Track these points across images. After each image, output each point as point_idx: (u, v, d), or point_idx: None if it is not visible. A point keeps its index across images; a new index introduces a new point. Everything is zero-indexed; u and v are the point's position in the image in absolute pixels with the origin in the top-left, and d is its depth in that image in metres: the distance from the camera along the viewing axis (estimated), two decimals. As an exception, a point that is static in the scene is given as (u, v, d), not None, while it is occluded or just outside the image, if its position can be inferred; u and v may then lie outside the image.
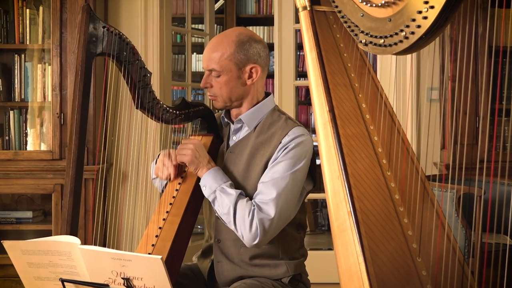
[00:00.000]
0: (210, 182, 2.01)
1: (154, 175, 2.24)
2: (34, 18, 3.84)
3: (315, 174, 2.09)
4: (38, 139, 3.85)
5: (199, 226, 5.06)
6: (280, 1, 4.21)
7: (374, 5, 1.75)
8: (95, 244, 2.78)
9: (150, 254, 1.93)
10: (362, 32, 1.80)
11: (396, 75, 3.85)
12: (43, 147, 3.82)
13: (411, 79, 3.86)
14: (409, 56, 3.78)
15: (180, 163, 2.10)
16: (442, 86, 3.75)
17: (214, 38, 2.09)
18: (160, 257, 1.53)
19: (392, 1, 1.69)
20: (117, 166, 3.93)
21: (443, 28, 1.64)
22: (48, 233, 3.69)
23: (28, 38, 3.84)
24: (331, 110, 1.94)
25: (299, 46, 4.43)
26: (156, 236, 1.99)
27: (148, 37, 3.98)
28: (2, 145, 3.84)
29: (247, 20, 6.87)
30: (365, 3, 1.77)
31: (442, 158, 3.77)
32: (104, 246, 3.74)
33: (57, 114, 3.70)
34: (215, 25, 5.83)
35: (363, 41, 1.81)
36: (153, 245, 1.97)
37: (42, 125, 3.85)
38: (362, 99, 2.01)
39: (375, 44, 1.77)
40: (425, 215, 1.82)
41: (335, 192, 1.84)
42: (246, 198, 1.98)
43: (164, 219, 2.03)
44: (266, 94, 2.16)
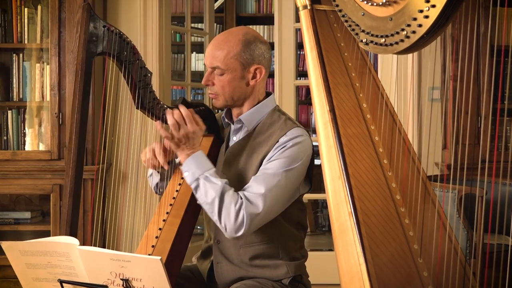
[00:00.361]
0: (192, 168, 1.96)
1: (149, 173, 2.24)
2: (32, 17, 3.84)
3: (312, 177, 2.08)
4: (36, 139, 3.85)
5: (199, 227, 5.06)
6: (280, 0, 4.21)
7: (375, 4, 1.75)
8: (94, 245, 2.78)
9: (149, 255, 1.93)
10: (363, 31, 1.80)
11: (397, 75, 3.86)
12: (42, 147, 3.83)
13: (412, 79, 3.86)
14: (410, 55, 3.78)
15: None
16: (444, 85, 3.76)
17: (219, 36, 2.06)
18: (159, 258, 1.53)
19: (393, 0, 1.70)
20: (116, 166, 3.94)
21: (445, 27, 1.64)
22: (46, 233, 3.69)
23: (26, 37, 3.84)
24: (332, 110, 1.94)
25: (300, 45, 4.42)
26: (156, 237, 1.99)
27: (147, 36, 3.99)
28: (0, 145, 3.84)
29: (247, 19, 6.87)
30: (366, 2, 1.77)
31: (443, 158, 3.77)
32: (103, 247, 3.74)
33: (55, 114, 3.71)
34: (215, 24, 5.83)
35: (364, 40, 1.81)
36: (153, 246, 1.97)
37: (40, 125, 3.85)
38: (363, 99, 2.01)
39: (376, 43, 1.77)
40: (426, 216, 1.82)
41: (336, 192, 1.84)
42: (232, 189, 1.94)
43: (164, 220, 2.03)
44: (267, 94, 2.15)
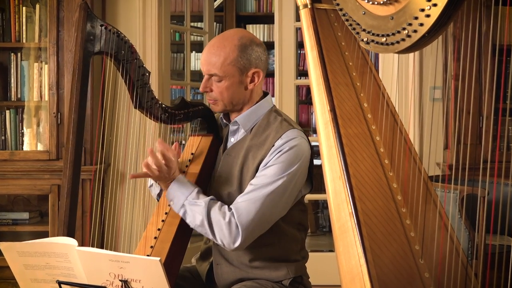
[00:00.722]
0: (176, 196, 1.97)
1: (150, 183, 2.24)
2: (31, 16, 3.84)
3: (313, 177, 2.08)
4: (34, 139, 3.85)
5: (198, 228, 5.05)
6: (280, -2, 4.21)
7: (376, 2, 1.75)
8: (93, 245, 2.78)
9: (148, 256, 1.93)
10: (364, 30, 1.80)
11: (398, 74, 3.85)
12: (40, 147, 3.83)
13: (414, 78, 3.86)
14: (411, 54, 3.77)
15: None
16: (445, 85, 3.76)
17: (213, 41, 2.05)
18: (158, 259, 1.53)
19: (394, -2, 1.70)
20: (115, 166, 3.93)
21: (446, 26, 1.64)
22: (45, 234, 3.69)
23: (24, 36, 3.84)
24: (332, 109, 1.94)
25: (300, 45, 4.41)
26: (154, 237, 1.99)
27: (146, 35, 3.98)
28: (-2, 145, 3.84)
29: (247, 18, 6.87)
30: (367, 1, 1.77)
31: (445, 158, 3.77)
32: (101, 248, 3.74)
33: (54, 113, 3.71)
34: (215, 23, 5.83)
35: (365, 39, 1.81)
36: (151, 247, 1.97)
37: (38, 124, 3.85)
38: (363, 99, 2.01)
39: (377, 42, 1.77)
40: (427, 216, 1.82)
41: (336, 193, 1.84)
42: (218, 204, 1.95)
43: (163, 221, 2.03)
44: (264, 94, 2.14)
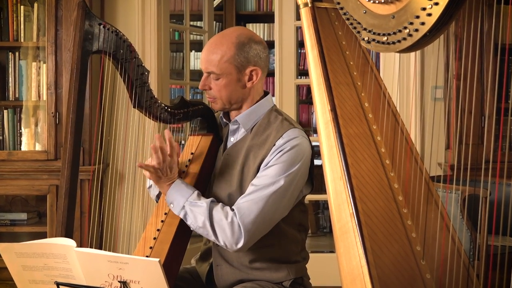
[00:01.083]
0: (177, 197, 1.97)
1: (148, 184, 2.24)
2: (29, 15, 3.84)
3: (313, 177, 2.08)
4: (32, 139, 3.85)
5: (198, 228, 5.05)
6: (280, -3, 4.21)
7: (377, 1, 1.74)
8: (91, 246, 2.78)
9: (147, 256, 1.93)
10: (365, 29, 1.80)
11: (399, 73, 3.85)
12: (38, 147, 3.82)
13: (415, 78, 3.86)
14: (413, 54, 3.77)
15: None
16: (447, 84, 3.75)
17: (212, 39, 2.06)
18: (157, 260, 1.53)
19: (395, -3, 1.70)
20: (113, 166, 3.93)
21: (448, 25, 1.64)
22: (43, 235, 3.69)
23: (22, 35, 3.84)
24: (333, 109, 1.94)
25: (300, 44, 4.41)
26: (154, 238, 1.99)
27: (145, 34, 3.98)
28: (-4, 145, 3.84)
29: (247, 17, 6.87)
30: (368, 0, 1.77)
31: (446, 158, 3.77)
32: (100, 248, 3.74)
33: (52, 113, 3.70)
34: (214, 22, 5.83)
35: (366, 38, 1.81)
36: (151, 247, 1.97)
37: (36, 124, 3.85)
38: (364, 98, 2.01)
39: (378, 41, 1.76)
40: (429, 217, 1.82)
41: (337, 193, 1.84)
42: (219, 205, 1.95)
43: (162, 221, 2.03)
44: (265, 93, 2.14)
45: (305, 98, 6.69)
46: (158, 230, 2.01)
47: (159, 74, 4.07)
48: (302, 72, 6.25)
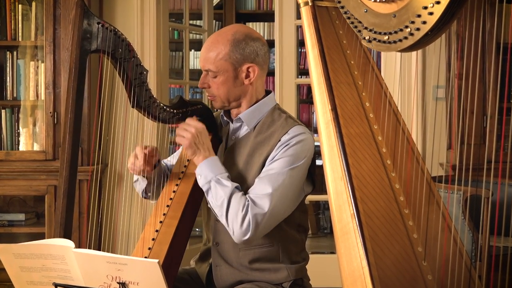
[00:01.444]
0: (206, 172, 1.99)
1: (135, 178, 2.24)
2: (27, 14, 3.84)
3: (315, 176, 2.09)
4: (30, 139, 3.85)
5: (197, 229, 5.06)
6: (280, -4, 4.21)
7: (378, 0, 1.74)
8: (90, 247, 2.78)
9: (146, 257, 1.93)
10: (366, 28, 1.80)
11: (400, 73, 3.85)
12: (36, 147, 3.82)
13: (416, 77, 3.86)
14: (414, 53, 3.77)
15: (179, 144, 2.08)
16: (449, 84, 3.75)
17: (210, 37, 2.09)
18: (157, 261, 1.53)
19: (396, -4, 1.69)
20: (112, 167, 3.93)
21: (450, 24, 1.64)
22: (41, 236, 3.69)
23: (20, 34, 3.84)
24: (334, 109, 1.94)
25: (301, 43, 4.42)
26: (152, 239, 1.99)
27: (144, 33, 3.98)
28: (-6, 145, 3.84)
29: (247, 16, 6.87)
30: (368, -2, 1.77)
31: (448, 158, 3.77)
32: (99, 249, 3.74)
33: (50, 113, 3.70)
34: (214, 21, 5.83)
35: (367, 37, 1.81)
36: (149, 248, 1.97)
37: (35, 124, 3.85)
38: (365, 98, 2.01)
39: (379, 40, 1.77)
40: (430, 218, 1.82)
41: (338, 193, 1.84)
42: (241, 192, 1.97)
43: (161, 222, 2.03)
44: (267, 92, 2.16)
45: (305, 98, 6.69)
46: (156, 231, 2.01)
47: (158, 74, 4.07)
48: (303, 71, 6.26)
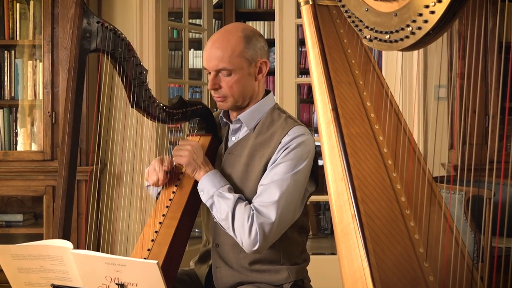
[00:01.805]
0: (207, 187, 2.01)
1: (147, 183, 2.24)
2: (25, 13, 3.84)
3: (318, 175, 2.09)
4: (28, 139, 3.85)
5: (197, 230, 5.06)
6: (281, -5, 4.21)
7: (379, -1, 1.75)
8: (88, 248, 2.77)
9: (145, 259, 1.93)
10: (367, 27, 1.80)
11: (402, 72, 3.86)
12: (34, 147, 3.83)
13: (418, 77, 3.86)
14: (415, 52, 3.77)
15: (177, 165, 2.10)
16: (450, 83, 3.76)
17: (216, 37, 2.05)
18: (156, 262, 1.53)
19: (398, -5, 1.70)
20: (111, 167, 3.93)
21: (451, 23, 1.64)
22: (39, 237, 3.69)
23: (18, 33, 3.84)
24: (334, 108, 1.94)
25: (301, 42, 4.42)
26: (152, 240, 1.99)
27: (143, 32, 3.99)
28: (-9, 145, 3.84)
29: (247, 14, 6.87)
30: (369, -3, 1.77)
31: (450, 158, 3.77)
32: (97, 250, 3.74)
33: (48, 113, 3.71)
34: (213, 20, 5.83)
35: (368, 36, 1.81)
36: (149, 249, 1.97)
37: (33, 124, 3.85)
38: (366, 97, 2.01)
39: (380, 39, 1.77)
40: (432, 218, 1.82)
41: (339, 194, 1.84)
42: (245, 202, 1.98)
43: (160, 223, 2.03)
44: (266, 92, 2.16)
45: (306, 97, 6.69)
46: (156, 232, 2.01)
47: (158, 73, 4.07)
48: (303, 70, 6.26)
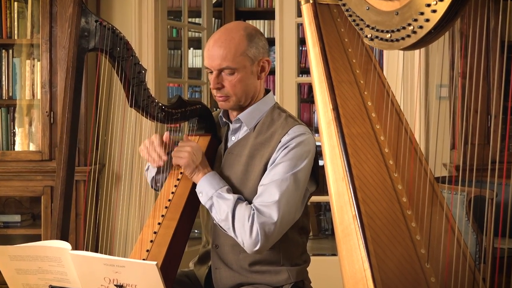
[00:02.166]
0: (206, 188, 2.01)
1: (146, 166, 2.25)
2: (23, 12, 3.84)
3: (318, 175, 2.09)
4: (26, 139, 3.85)
5: (196, 231, 5.06)
6: (281, -7, 4.21)
7: (380, -2, 1.75)
8: (87, 249, 2.77)
9: (144, 260, 1.93)
10: (368, 26, 1.80)
11: (403, 72, 3.86)
12: (32, 147, 3.83)
13: (419, 76, 3.86)
14: (417, 51, 3.78)
15: (176, 165, 2.11)
16: (452, 83, 3.76)
17: (218, 35, 2.05)
18: (155, 263, 1.53)
19: (399, -7, 1.70)
20: (110, 167, 3.93)
21: (453, 22, 1.64)
22: (37, 237, 3.69)
23: (16, 32, 3.84)
24: (335, 108, 1.94)
25: (302, 41, 4.43)
26: (151, 241, 1.99)
27: (142, 31, 3.99)
28: (-11, 145, 3.84)
29: (247, 13, 6.87)
30: (370, -4, 1.77)
31: (452, 158, 3.77)
32: (96, 251, 3.74)
33: (46, 112, 3.71)
34: (213, 19, 5.83)
35: (369, 35, 1.81)
36: (147, 250, 1.97)
37: (30, 124, 3.85)
38: (367, 97, 2.01)
39: (382, 38, 1.77)
40: (434, 219, 1.82)
41: (339, 194, 1.84)
42: (245, 202, 1.98)
43: (159, 223, 2.03)
44: (266, 91, 2.16)
45: (306, 97, 6.69)
46: (155, 232, 2.01)
47: (157, 73, 4.07)
48: (304, 70, 6.26)
